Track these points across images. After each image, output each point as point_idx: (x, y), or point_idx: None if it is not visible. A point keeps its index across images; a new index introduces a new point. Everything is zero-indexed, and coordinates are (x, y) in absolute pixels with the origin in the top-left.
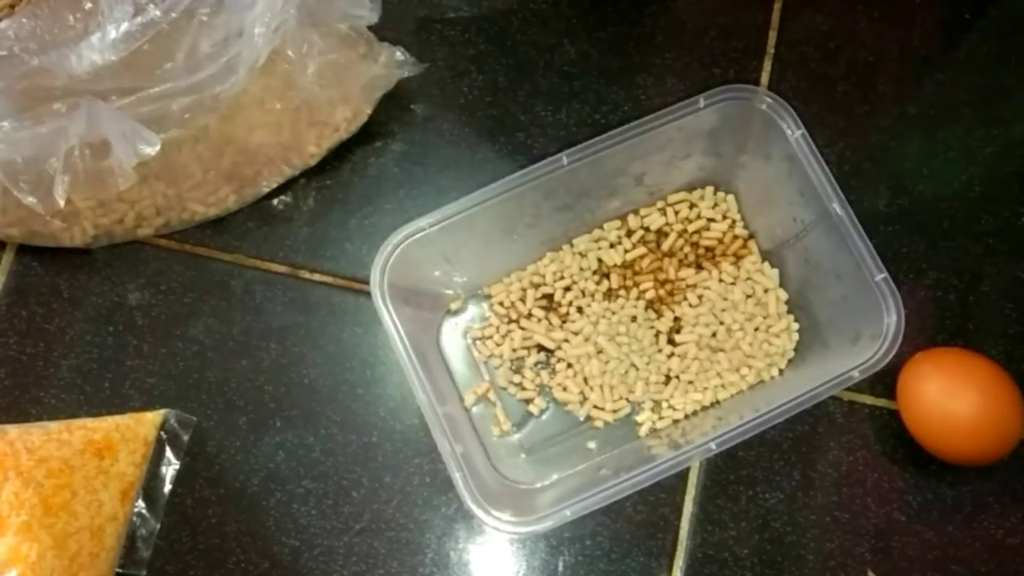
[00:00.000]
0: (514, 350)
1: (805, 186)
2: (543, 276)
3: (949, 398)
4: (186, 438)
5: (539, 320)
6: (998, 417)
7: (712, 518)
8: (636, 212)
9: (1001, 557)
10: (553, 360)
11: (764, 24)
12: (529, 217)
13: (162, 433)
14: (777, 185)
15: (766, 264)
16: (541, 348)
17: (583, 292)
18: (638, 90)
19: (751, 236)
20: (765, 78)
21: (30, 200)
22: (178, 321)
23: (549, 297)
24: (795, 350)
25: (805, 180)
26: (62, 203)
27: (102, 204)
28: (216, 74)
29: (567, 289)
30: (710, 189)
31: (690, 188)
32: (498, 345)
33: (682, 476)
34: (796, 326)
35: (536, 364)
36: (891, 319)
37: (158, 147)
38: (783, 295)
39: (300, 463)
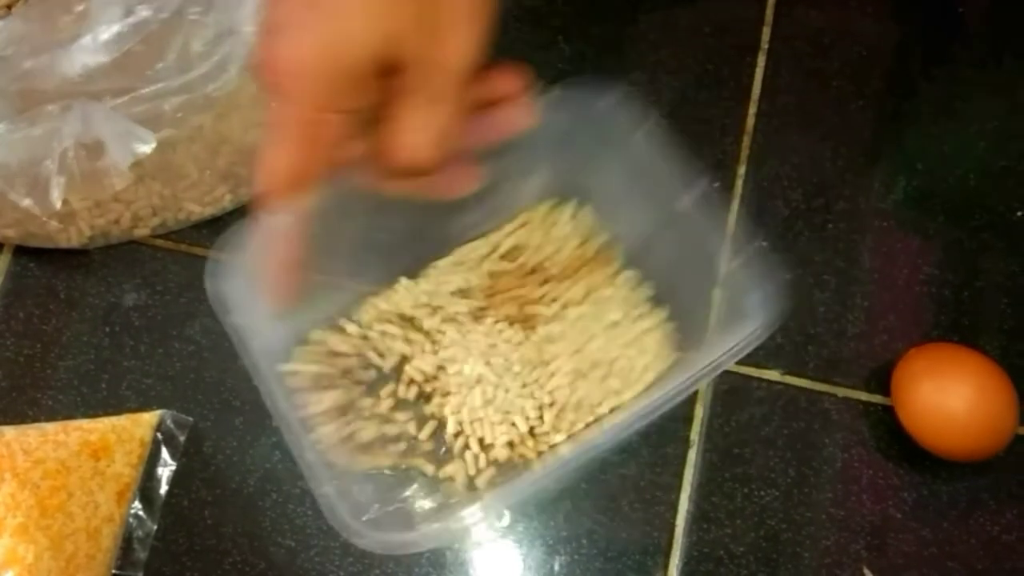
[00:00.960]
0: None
1: (659, 178)
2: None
3: (944, 394)
4: (182, 439)
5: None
6: (993, 413)
7: (708, 516)
8: (487, 233)
9: (997, 553)
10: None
11: (758, 20)
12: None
13: (158, 434)
14: (632, 182)
15: (626, 272)
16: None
17: (445, 318)
18: (633, 88)
19: (612, 239)
20: (759, 74)
21: (26, 203)
22: (175, 322)
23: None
24: (679, 341)
25: (658, 172)
26: (58, 205)
27: (98, 204)
28: (208, 73)
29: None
30: (570, 202)
31: (544, 199)
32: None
33: (677, 474)
34: (669, 323)
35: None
36: (765, 290)
37: (153, 145)
38: (647, 292)
39: (296, 464)
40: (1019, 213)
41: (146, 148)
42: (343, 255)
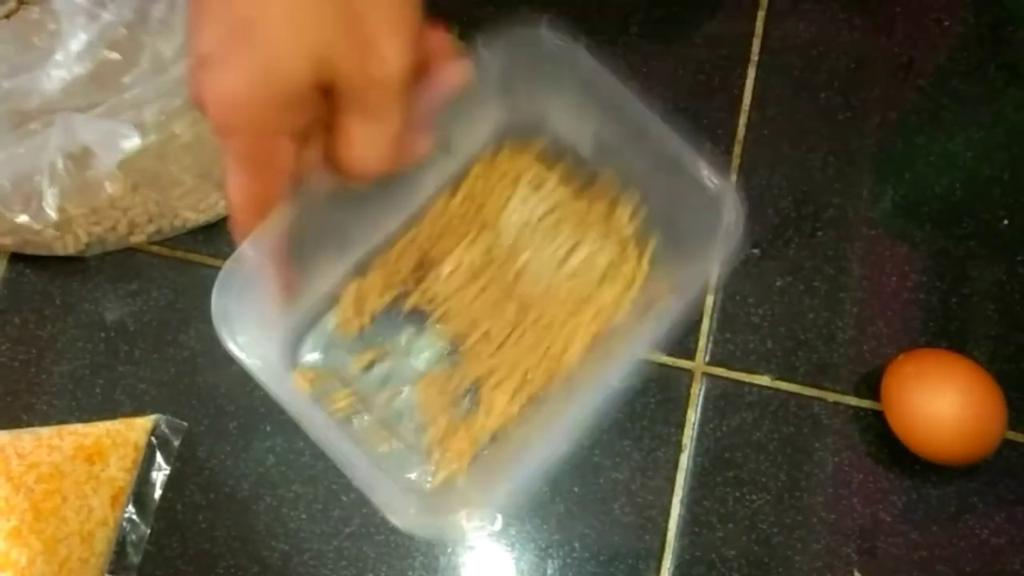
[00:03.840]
0: None
1: (615, 99)
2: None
3: (932, 399)
4: (177, 443)
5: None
6: (981, 417)
7: (699, 520)
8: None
9: (986, 556)
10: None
11: (748, 32)
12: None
13: (153, 439)
14: (588, 107)
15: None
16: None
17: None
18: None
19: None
20: (749, 85)
21: (22, 219)
22: (169, 327)
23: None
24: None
25: (612, 94)
26: (55, 216)
27: (95, 212)
28: (182, 76)
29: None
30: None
31: (496, 147)
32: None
33: (669, 478)
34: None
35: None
36: (727, 209)
37: (138, 140)
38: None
39: (290, 468)
40: (1005, 222)
41: (131, 144)
42: (322, 239)
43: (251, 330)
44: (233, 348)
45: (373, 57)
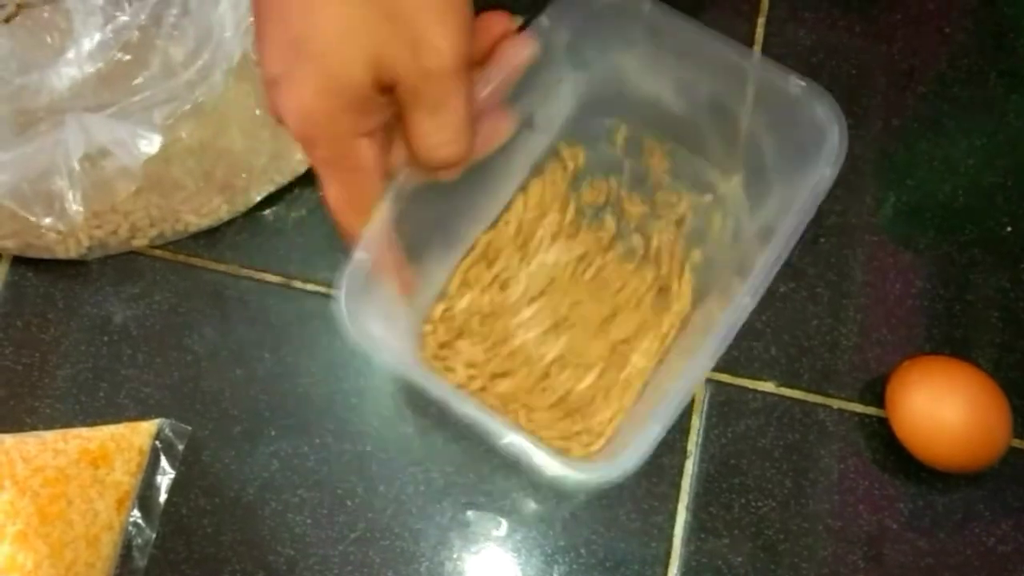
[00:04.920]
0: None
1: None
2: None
3: (937, 406)
4: (181, 447)
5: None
6: (986, 425)
7: (706, 526)
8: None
9: (991, 564)
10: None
11: (748, 38)
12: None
13: (157, 443)
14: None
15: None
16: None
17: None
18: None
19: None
20: (750, 92)
21: (47, 222)
22: (172, 331)
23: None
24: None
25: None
26: (80, 218)
27: (97, 216)
28: (192, 79)
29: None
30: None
31: (582, 106)
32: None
33: (675, 484)
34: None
35: None
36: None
37: (159, 140)
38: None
39: (295, 472)
40: (1008, 228)
41: (152, 147)
42: (431, 235)
43: (378, 329)
44: (367, 348)
45: (425, 51)
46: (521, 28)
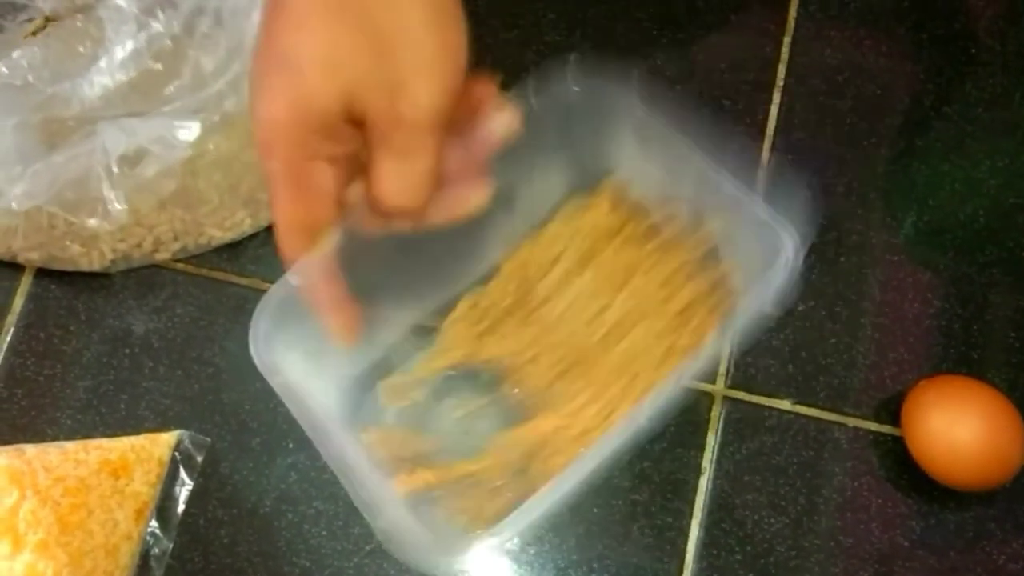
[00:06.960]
0: None
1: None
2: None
3: (953, 425)
4: (200, 459)
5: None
6: (1001, 444)
7: (718, 542)
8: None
9: None
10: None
11: (773, 58)
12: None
13: (176, 454)
14: (652, 151)
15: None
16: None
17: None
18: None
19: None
20: (774, 111)
21: (91, 223)
22: (194, 344)
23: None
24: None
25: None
26: (126, 216)
27: (121, 228)
28: (222, 91)
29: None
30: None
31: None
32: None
33: (688, 500)
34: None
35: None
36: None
37: (198, 127)
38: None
39: (312, 484)
40: None
41: (192, 134)
42: (384, 287)
43: (295, 361)
44: (264, 371)
45: (404, 97)
46: (507, 99)
